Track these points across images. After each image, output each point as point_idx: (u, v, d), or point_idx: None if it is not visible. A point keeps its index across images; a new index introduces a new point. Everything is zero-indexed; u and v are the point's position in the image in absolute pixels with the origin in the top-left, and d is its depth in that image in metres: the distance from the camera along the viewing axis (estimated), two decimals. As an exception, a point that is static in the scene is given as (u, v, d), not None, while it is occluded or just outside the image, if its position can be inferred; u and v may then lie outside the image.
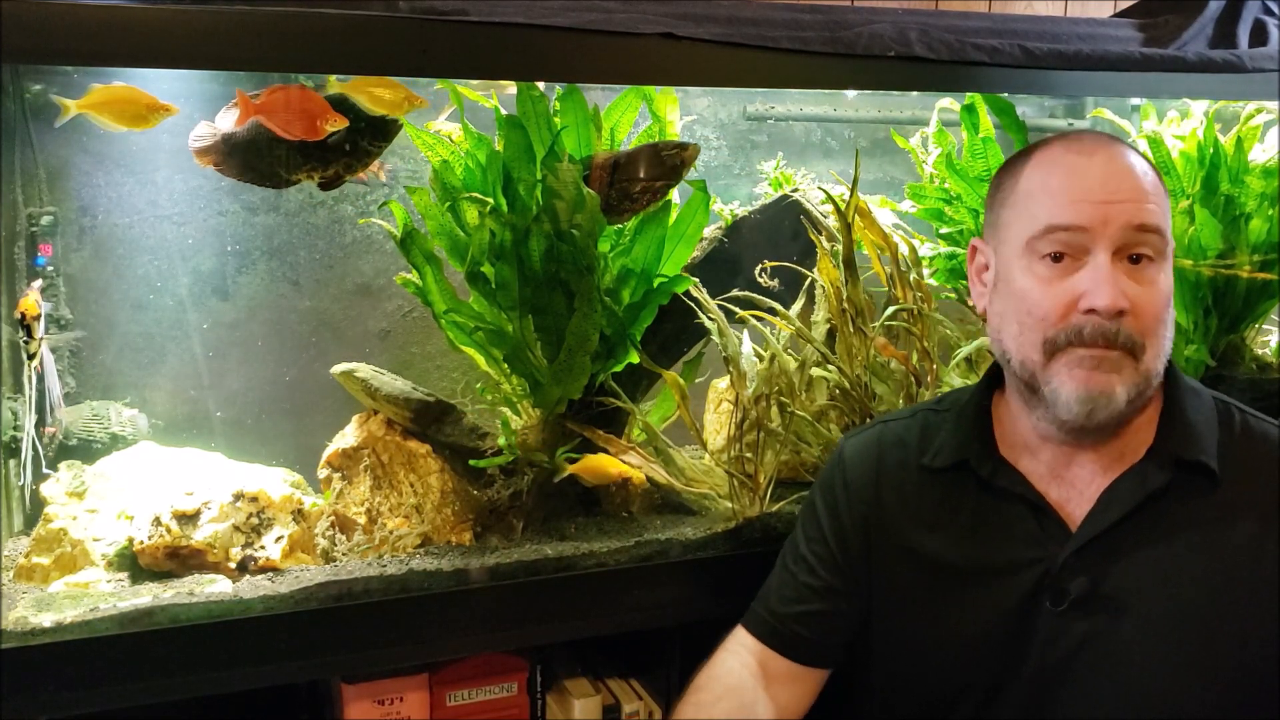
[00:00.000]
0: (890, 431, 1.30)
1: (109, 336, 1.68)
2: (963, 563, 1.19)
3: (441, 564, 1.42)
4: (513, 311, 1.53)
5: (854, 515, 1.27)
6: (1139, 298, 1.10)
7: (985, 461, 1.20)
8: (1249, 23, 1.81)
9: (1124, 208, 1.10)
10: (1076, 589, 1.12)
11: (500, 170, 1.49)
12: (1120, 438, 1.16)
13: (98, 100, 1.34)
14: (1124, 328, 1.09)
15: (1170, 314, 1.13)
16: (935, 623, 1.20)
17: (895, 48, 1.51)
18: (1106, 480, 1.15)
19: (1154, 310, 1.10)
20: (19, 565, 1.40)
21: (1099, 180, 1.12)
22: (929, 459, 1.24)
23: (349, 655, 1.36)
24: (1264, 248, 1.84)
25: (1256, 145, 1.88)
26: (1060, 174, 1.14)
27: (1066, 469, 1.17)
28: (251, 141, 1.41)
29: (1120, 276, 1.10)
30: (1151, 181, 1.14)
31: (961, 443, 1.23)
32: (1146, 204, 1.11)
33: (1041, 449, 1.18)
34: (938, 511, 1.23)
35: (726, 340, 1.57)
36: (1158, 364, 1.12)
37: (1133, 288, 1.10)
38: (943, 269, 1.88)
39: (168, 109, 1.36)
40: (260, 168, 1.43)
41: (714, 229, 1.75)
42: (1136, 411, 1.15)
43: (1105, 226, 1.10)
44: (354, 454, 1.56)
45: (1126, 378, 1.10)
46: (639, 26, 1.39)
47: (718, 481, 1.64)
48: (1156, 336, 1.11)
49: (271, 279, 1.77)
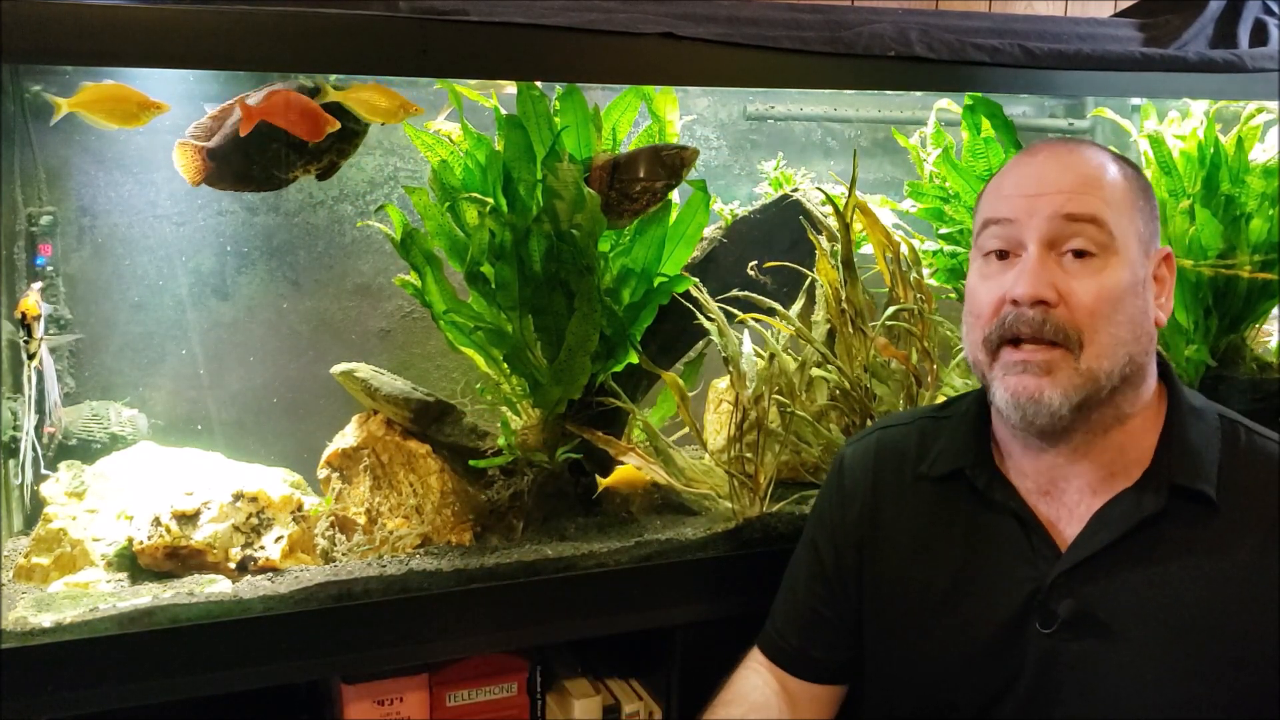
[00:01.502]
0: (888, 438, 1.29)
1: (109, 336, 1.68)
2: (955, 577, 1.18)
3: (441, 564, 1.42)
4: (513, 312, 1.53)
5: (850, 526, 1.26)
6: (1072, 290, 1.07)
7: (981, 472, 1.19)
8: (1249, 22, 1.81)
9: (1051, 199, 1.09)
10: (1065, 611, 1.10)
11: (500, 170, 1.49)
12: (1103, 448, 1.12)
13: (89, 99, 1.34)
14: (1052, 318, 1.06)
15: (1129, 315, 1.09)
16: (926, 637, 1.19)
17: (895, 48, 1.51)
18: (1097, 501, 1.12)
19: (1089, 303, 1.06)
20: (19, 565, 1.40)
21: (1032, 174, 1.12)
22: (926, 467, 1.23)
23: (349, 655, 1.36)
24: (1264, 248, 1.84)
25: (1257, 145, 1.88)
26: (1006, 173, 1.16)
27: (1053, 483, 1.15)
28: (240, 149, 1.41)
29: (1052, 269, 1.08)
30: (1098, 177, 1.10)
31: (959, 451, 1.21)
32: (1079, 195, 1.08)
33: (1025, 461, 1.16)
34: (932, 523, 1.21)
35: (726, 340, 1.57)
36: (1105, 363, 1.07)
37: (1066, 281, 1.07)
38: (943, 269, 1.88)
39: (158, 107, 1.36)
40: (254, 173, 1.43)
41: (714, 229, 1.75)
42: (1110, 418, 1.11)
43: (1031, 217, 1.09)
44: (354, 454, 1.56)
45: (1062, 378, 1.07)
46: (639, 26, 1.39)
47: (718, 482, 1.64)
48: (1095, 331, 1.07)
49: (271, 279, 1.77)
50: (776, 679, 1.29)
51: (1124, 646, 1.08)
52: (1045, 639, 1.11)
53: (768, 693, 1.26)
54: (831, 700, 1.29)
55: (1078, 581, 1.10)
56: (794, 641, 1.28)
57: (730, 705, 1.25)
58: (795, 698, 1.28)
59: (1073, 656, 1.10)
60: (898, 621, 1.22)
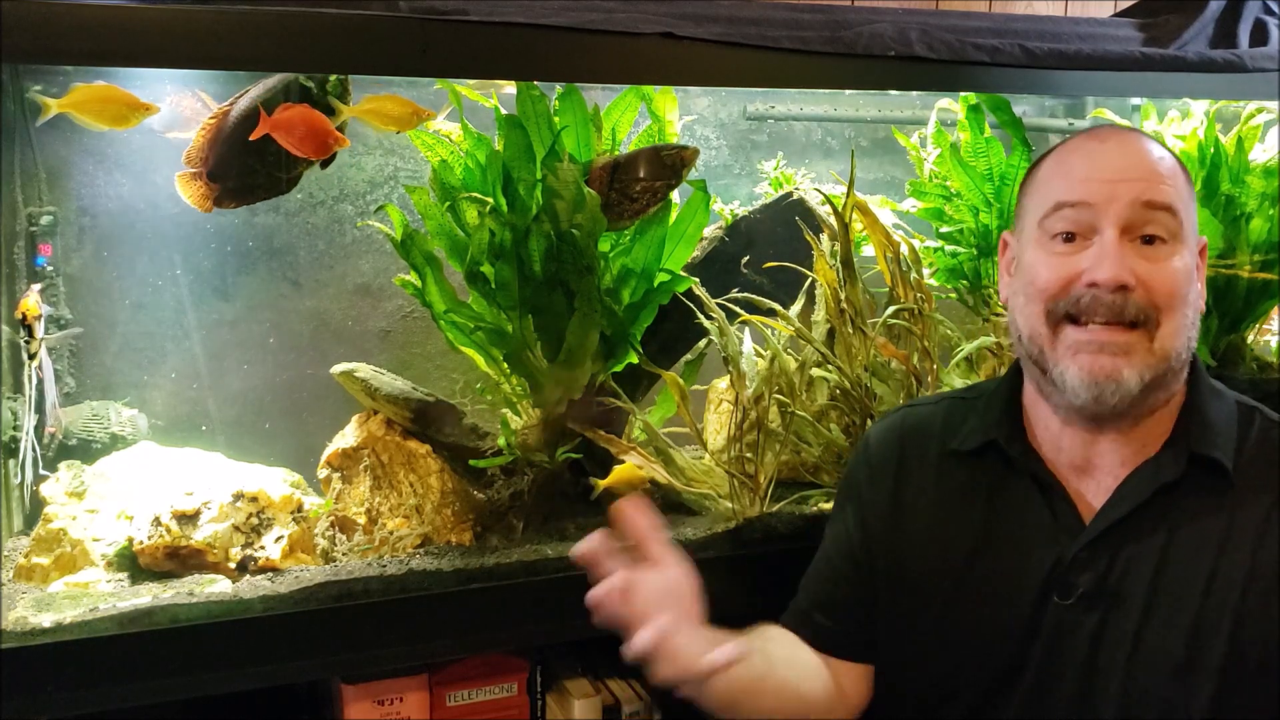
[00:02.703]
0: (914, 416, 1.30)
1: (109, 336, 1.68)
2: (975, 549, 1.19)
3: (441, 564, 1.42)
4: (513, 311, 1.53)
5: (876, 500, 1.27)
6: (1149, 274, 1.09)
7: (1014, 442, 1.20)
8: (1249, 22, 1.81)
9: (1132, 185, 1.10)
10: (1085, 583, 1.12)
11: (500, 170, 1.49)
12: (1142, 427, 1.15)
13: (79, 99, 1.34)
14: (1133, 300, 1.08)
15: (1192, 299, 1.12)
16: (945, 608, 1.20)
17: (895, 47, 1.51)
18: (1125, 473, 1.15)
19: (1166, 286, 1.09)
20: (19, 565, 1.40)
21: (1109, 159, 1.13)
22: (958, 443, 1.24)
23: (349, 655, 1.36)
24: (1264, 247, 1.84)
25: (1257, 145, 1.88)
26: (1074, 157, 1.17)
27: (1088, 460, 1.16)
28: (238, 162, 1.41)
29: (1129, 254, 1.09)
30: (1169, 166, 1.13)
31: (992, 424, 1.22)
32: (1158, 183, 1.11)
33: (1063, 436, 1.17)
34: (956, 498, 1.22)
35: (727, 340, 1.57)
36: (1176, 343, 1.10)
37: (1143, 265, 1.09)
38: (943, 269, 1.88)
39: (148, 108, 1.36)
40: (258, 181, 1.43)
41: (714, 229, 1.75)
42: (1161, 400, 1.14)
43: (1111, 203, 1.10)
44: (354, 454, 1.56)
45: (1138, 360, 1.09)
46: (639, 26, 1.39)
47: (718, 482, 1.64)
48: (1173, 312, 1.09)
49: (271, 279, 1.77)
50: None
51: (1139, 618, 1.10)
52: (1063, 610, 1.13)
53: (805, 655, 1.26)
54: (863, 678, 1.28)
55: (1099, 553, 1.12)
56: (823, 620, 1.27)
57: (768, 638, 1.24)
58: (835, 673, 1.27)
59: (1089, 628, 1.12)
60: (917, 593, 1.22)
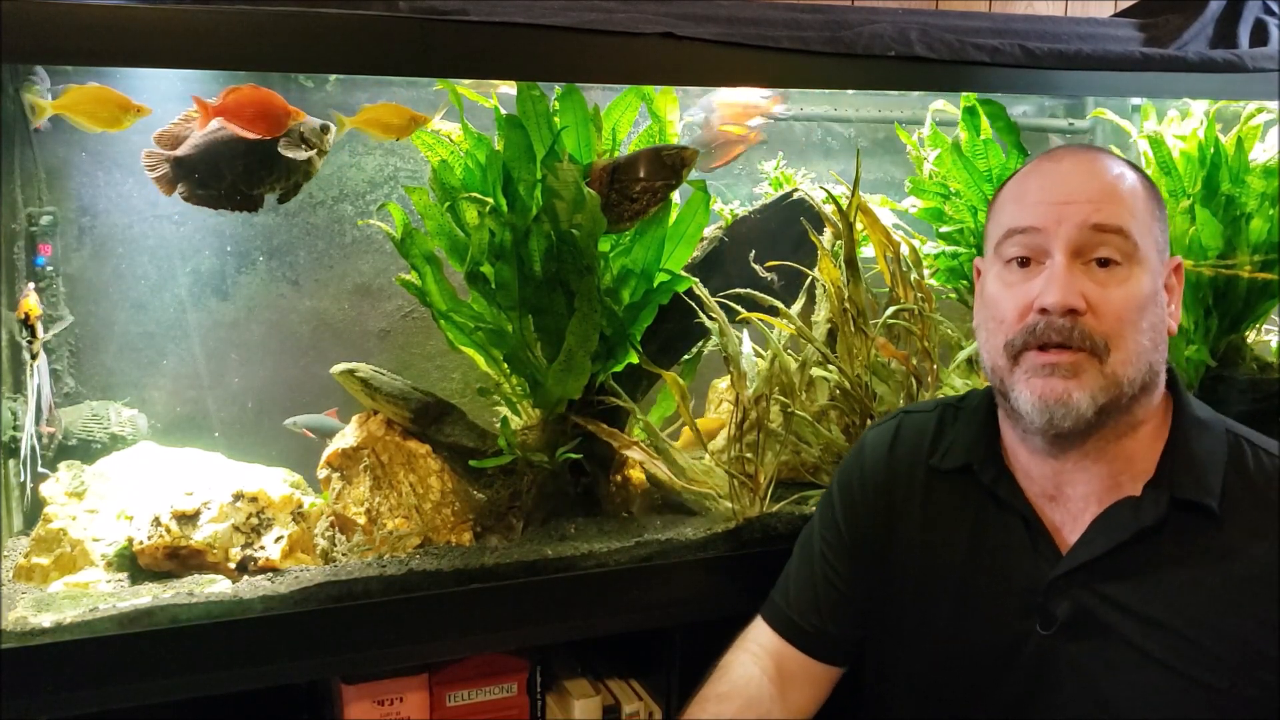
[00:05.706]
0: (910, 424, 1.30)
1: (109, 336, 1.68)
2: (960, 571, 1.18)
3: (441, 564, 1.42)
4: (513, 311, 1.53)
5: (868, 506, 1.27)
6: (1100, 299, 1.07)
7: (989, 468, 1.19)
8: (1249, 22, 1.81)
9: (1079, 208, 1.09)
10: (1062, 613, 1.11)
11: (500, 170, 1.49)
12: (1110, 454, 1.13)
13: (72, 101, 1.34)
14: (1081, 326, 1.07)
15: (1151, 322, 1.10)
16: (928, 629, 1.20)
17: (895, 48, 1.51)
18: (1100, 507, 1.13)
19: (1116, 311, 1.07)
20: (19, 565, 1.40)
21: (1060, 182, 1.12)
22: (937, 459, 1.24)
23: (349, 655, 1.36)
24: (1264, 248, 1.84)
25: (1257, 145, 1.88)
26: (1029, 180, 1.15)
27: (1059, 488, 1.15)
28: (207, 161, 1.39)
29: (1080, 278, 1.08)
30: (1126, 187, 1.11)
31: (969, 446, 1.22)
32: (1107, 205, 1.09)
33: (1031, 464, 1.17)
34: (942, 514, 1.22)
35: (727, 340, 1.57)
36: (1129, 369, 1.08)
37: (1094, 290, 1.08)
38: (943, 269, 1.88)
39: (140, 110, 1.36)
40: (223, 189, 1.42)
41: (714, 229, 1.75)
42: (1125, 424, 1.12)
43: (1059, 225, 1.09)
44: (354, 454, 1.56)
45: (1088, 381, 1.07)
46: (639, 26, 1.39)
47: (718, 481, 1.64)
48: (1122, 338, 1.07)
49: (271, 279, 1.77)
50: (773, 659, 1.28)
51: (1121, 650, 1.09)
52: (1045, 639, 1.12)
53: (762, 681, 1.25)
54: (825, 684, 1.29)
55: (1075, 585, 1.11)
56: (804, 613, 1.28)
57: (724, 700, 1.24)
58: (790, 678, 1.27)
59: (1071, 657, 1.11)
60: (903, 610, 1.22)
